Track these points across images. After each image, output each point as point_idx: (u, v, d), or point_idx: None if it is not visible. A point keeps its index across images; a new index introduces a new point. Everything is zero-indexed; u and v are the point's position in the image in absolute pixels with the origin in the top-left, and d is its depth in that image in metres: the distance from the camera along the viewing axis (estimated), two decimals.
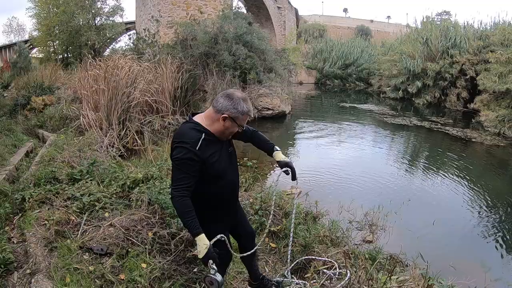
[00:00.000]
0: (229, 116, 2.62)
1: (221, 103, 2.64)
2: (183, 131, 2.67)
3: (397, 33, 37.85)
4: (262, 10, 32.77)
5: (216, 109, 2.65)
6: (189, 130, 2.64)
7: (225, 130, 2.70)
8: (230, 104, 2.63)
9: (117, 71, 9.96)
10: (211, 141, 2.67)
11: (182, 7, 19.15)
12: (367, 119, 18.68)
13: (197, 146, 2.56)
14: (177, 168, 2.59)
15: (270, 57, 16.20)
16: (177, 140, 2.62)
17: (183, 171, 2.57)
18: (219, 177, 2.75)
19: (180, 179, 2.57)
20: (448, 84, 24.19)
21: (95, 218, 4.27)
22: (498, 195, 8.59)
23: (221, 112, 2.63)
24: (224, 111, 2.62)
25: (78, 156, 6.51)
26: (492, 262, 5.37)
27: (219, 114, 2.63)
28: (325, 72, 38.41)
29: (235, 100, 2.65)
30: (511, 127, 15.15)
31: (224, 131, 2.70)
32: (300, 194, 6.96)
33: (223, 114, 2.62)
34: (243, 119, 2.71)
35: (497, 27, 23.82)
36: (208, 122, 2.69)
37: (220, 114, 2.62)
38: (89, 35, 24.35)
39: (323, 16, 61.92)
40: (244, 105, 2.67)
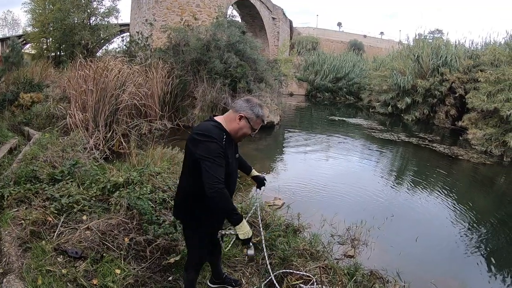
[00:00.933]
0: (244, 116, 2.86)
1: (240, 104, 2.91)
2: (208, 128, 2.79)
3: (389, 49, 38.18)
4: (257, 20, 32.95)
5: (234, 109, 2.90)
6: (214, 128, 2.80)
7: (239, 130, 2.89)
8: (247, 106, 2.89)
9: (106, 72, 9.95)
10: (229, 141, 2.86)
11: (176, 12, 19.20)
12: (356, 133, 18.77)
13: (223, 142, 2.76)
14: (213, 161, 2.66)
15: (262, 67, 16.23)
16: (206, 135, 2.73)
17: (219, 164, 2.68)
18: (229, 177, 2.89)
19: (219, 172, 2.67)
20: (437, 101, 24.48)
21: (72, 220, 4.25)
22: (482, 213, 8.68)
23: (238, 112, 2.87)
24: (241, 111, 2.87)
25: (61, 157, 6.46)
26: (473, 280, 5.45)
27: (236, 114, 2.87)
28: (316, 84, 38.61)
29: (252, 103, 2.92)
30: (498, 146, 15.33)
31: (238, 131, 2.90)
32: (283, 206, 6.99)
33: (240, 114, 2.86)
34: (257, 123, 2.93)
35: (487, 47, 24.12)
36: (226, 122, 2.89)
37: (238, 113, 2.87)
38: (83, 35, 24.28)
39: (317, 29, 62.33)
40: (259, 109, 2.92)
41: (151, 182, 5.42)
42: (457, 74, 23.52)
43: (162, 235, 4.07)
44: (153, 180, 5.56)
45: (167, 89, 13.34)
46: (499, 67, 18.52)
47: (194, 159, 2.73)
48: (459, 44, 27.40)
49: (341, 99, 37.47)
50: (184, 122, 13.88)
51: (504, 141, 14.86)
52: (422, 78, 25.28)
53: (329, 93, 38.16)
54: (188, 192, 2.91)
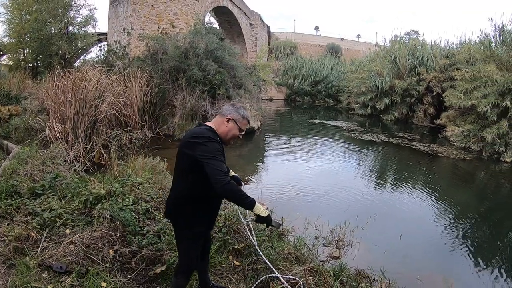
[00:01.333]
0: (232, 118, 3.06)
1: (226, 109, 3.14)
2: (202, 131, 2.97)
3: (367, 51, 38.61)
4: (234, 26, 33.04)
5: (221, 114, 3.11)
6: (207, 131, 2.99)
7: (229, 132, 3.07)
8: (233, 109, 3.12)
9: (85, 83, 9.88)
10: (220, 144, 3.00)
11: (154, 21, 19.14)
12: (336, 135, 18.98)
13: (219, 140, 2.97)
14: (216, 158, 2.81)
15: (240, 73, 16.30)
16: (202, 136, 2.89)
17: (220, 160, 2.84)
18: None
19: (223, 166, 2.83)
20: (415, 101, 25.01)
21: (55, 235, 4.24)
22: (464, 207, 8.91)
23: (225, 115, 3.07)
24: (228, 114, 3.08)
25: (41, 170, 6.41)
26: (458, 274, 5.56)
27: (224, 117, 3.07)
28: (295, 88, 38.91)
29: (237, 106, 3.16)
30: (476, 142, 15.72)
31: (227, 133, 3.07)
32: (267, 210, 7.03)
33: (227, 116, 3.06)
34: (243, 123, 3.14)
35: (463, 46, 24.68)
36: (216, 126, 3.07)
37: (225, 117, 3.07)
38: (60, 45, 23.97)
39: (294, 33, 62.79)
40: (244, 111, 3.15)
41: (133, 193, 5.43)
42: (434, 73, 24.06)
43: (146, 246, 4.08)
44: (135, 190, 5.57)
45: (146, 98, 13.31)
46: (475, 65, 18.99)
47: (192, 161, 2.83)
48: (435, 44, 28.00)
49: (320, 102, 37.87)
50: (164, 131, 13.85)
51: (482, 136, 15.22)
52: (400, 78, 25.72)
53: (308, 97, 38.53)
54: (185, 195, 2.98)
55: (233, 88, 15.56)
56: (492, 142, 14.70)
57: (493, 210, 9.19)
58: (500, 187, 11.60)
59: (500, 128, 14.67)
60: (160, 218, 4.85)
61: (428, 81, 24.15)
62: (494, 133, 14.66)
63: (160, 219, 4.83)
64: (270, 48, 47.38)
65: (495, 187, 11.61)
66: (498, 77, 16.03)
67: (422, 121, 24.46)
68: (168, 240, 4.34)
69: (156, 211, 5.06)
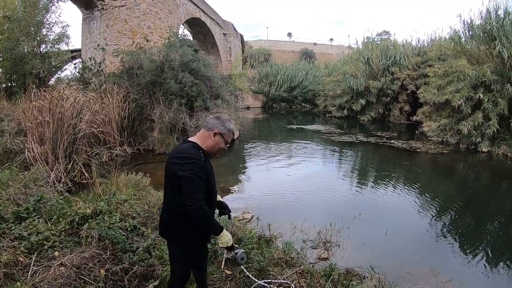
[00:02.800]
0: (218, 132, 3.06)
1: (211, 122, 3.11)
2: (185, 149, 2.98)
3: (340, 55, 39.23)
4: (208, 37, 33.10)
5: (207, 128, 3.10)
6: (190, 148, 2.98)
7: (215, 146, 3.10)
8: (219, 122, 3.11)
9: (62, 102, 9.79)
10: (206, 159, 3.04)
11: (128, 35, 19.06)
12: (315, 139, 19.16)
13: (202, 160, 2.93)
14: (192, 181, 2.82)
15: (216, 84, 16.37)
16: (186, 156, 2.90)
17: (198, 183, 2.85)
18: (211, 193, 3.09)
19: (198, 191, 2.84)
20: (390, 100, 25.56)
21: (44, 258, 4.20)
22: (446, 199, 9.22)
23: (211, 129, 3.07)
24: (214, 128, 3.07)
25: (24, 193, 6.33)
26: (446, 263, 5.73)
27: (210, 131, 3.07)
28: (271, 95, 39.14)
29: (222, 119, 3.14)
30: (453, 135, 16.22)
31: (214, 147, 3.10)
32: (252, 219, 7.11)
33: (214, 130, 3.06)
34: (229, 136, 3.16)
35: (433, 43, 25.29)
36: (201, 141, 3.08)
37: (211, 131, 3.06)
38: (34, 63, 23.52)
39: (268, 41, 63.11)
40: (229, 123, 3.16)
41: (119, 210, 5.44)
42: (407, 72, 24.67)
43: (137, 262, 4.11)
44: (121, 208, 5.58)
45: (124, 114, 13.24)
46: (446, 61, 19.55)
47: (177, 179, 2.87)
48: (407, 43, 28.70)
49: (297, 107, 38.20)
50: (144, 146, 13.79)
51: (459, 129, 15.72)
52: (374, 79, 26.27)
53: (285, 103, 38.81)
54: (179, 211, 2.98)
55: (210, 99, 15.61)
56: (469, 134, 15.17)
57: (474, 199, 9.53)
58: (479, 177, 11.99)
59: (475, 120, 15.14)
60: (148, 234, 4.88)
61: (402, 79, 24.71)
62: (469, 125, 15.13)
63: (149, 234, 4.86)
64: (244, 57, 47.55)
65: (475, 177, 11.99)
66: (470, 71, 16.54)
67: (398, 119, 24.98)
68: (159, 255, 4.38)
69: (143, 227, 5.09)
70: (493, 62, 16.35)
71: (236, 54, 39.31)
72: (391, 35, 47.62)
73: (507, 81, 15.27)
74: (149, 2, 19.34)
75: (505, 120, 14.89)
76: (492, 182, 11.39)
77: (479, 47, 17.61)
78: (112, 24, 19.12)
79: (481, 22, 18.24)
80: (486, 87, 15.82)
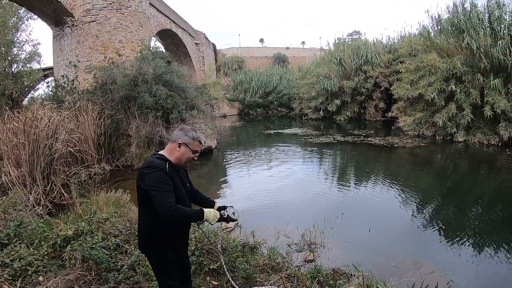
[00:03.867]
0: (182, 142, 3.10)
1: (175, 134, 3.17)
2: (150, 161, 3.02)
3: (312, 57, 39.53)
4: (180, 48, 33.06)
5: (172, 140, 3.16)
6: (155, 159, 3.03)
7: (182, 156, 3.12)
8: (182, 133, 3.15)
9: (36, 122, 9.70)
10: (173, 170, 3.07)
11: (100, 51, 18.91)
12: (293, 142, 19.36)
13: (166, 169, 2.96)
14: (159, 188, 2.86)
15: (191, 94, 16.39)
16: (149, 166, 2.95)
17: (165, 190, 2.89)
18: (180, 201, 3.04)
19: (166, 197, 2.86)
20: (365, 98, 26.09)
21: (29, 284, 4.21)
22: (427, 191, 9.52)
23: (176, 141, 3.12)
24: (178, 139, 3.11)
25: (4, 219, 6.28)
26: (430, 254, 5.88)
27: (175, 143, 3.11)
28: (247, 102, 39.32)
29: (186, 129, 3.18)
30: (429, 128, 16.71)
31: (181, 158, 3.13)
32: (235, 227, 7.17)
33: (178, 142, 3.10)
34: (195, 145, 3.17)
35: (403, 40, 25.85)
36: (168, 153, 3.13)
37: (175, 142, 3.11)
38: (6, 84, 23.17)
39: (240, 48, 63.18)
40: (193, 132, 3.17)
41: (101, 230, 5.46)
42: (379, 69, 25.23)
43: (123, 281, 4.15)
44: (102, 227, 5.60)
45: (100, 130, 13.17)
46: (417, 56, 20.06)
47: (145, 193, 2.92)
48: (377, 42, 29.26)
49: (273, 112, 38.45)
50: (122, 162, 13.72)
51: (434, 122, 16.20)
52: (347, 79, 26.73)
53: (261, 109, 39.04)
54: (150, 226, 3.05)
55: (186, 110, 15.63)
56: (444, 126, 15.61)
57: (454, 188, 9.85)
58: (458, 166, 12.35)
59: (449, 112, 15.62)
60: (132, 251, 4.91)
61: (375, 77, 25.22)
62: (444, 117, 15.59)
63: (132, 251, 4.89)
64: (218, 65, 47.61)
65: (453, 166, 12.36)
66: (441, 64, 17.06)
67: (374, 116, 25.46)
68: (144, 271, 4.42)
69: (127, 245, 5.12)
70: (462, 54, 16.88)
71: (209, 63, 39.36)
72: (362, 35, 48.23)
73: (477, 72, 15.75)
74: (119, 16, 19.26)
75: (478, 109, 15.39)
76: (470, 170, 11.76)
77: (448, 40, 18.14)
78: (83, 40, 18.96)
79: (448, 16, 18.83)
80: (458, 79, 16.33)
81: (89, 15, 18.87)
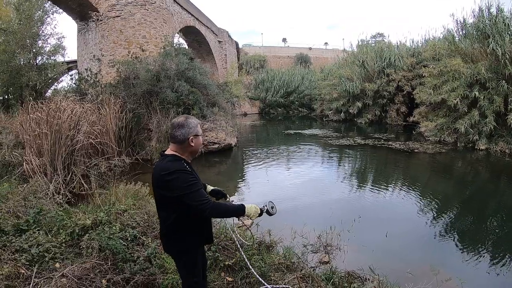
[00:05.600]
0: (193, 135, 2.98)
1: (181, 134, 2.96)
2: (166, 166, 2.88)
3: (335, 58, 39.22)
4: (203, 45, 33.19)
5: (180, 140, 2.97)
6: (170, 163, 2.89)
7: (197, 147, 3.07)
8: (186, 129, 2.97)
9: (59, 113, 9.79)
10: (189, 165, 3.01)
11: (123, 46, 19.10)
12: (313, 142, 19.20)
13: (186, 168, 2.91)
14: (191, 189, 2.81)
15: (213, 91, 16.44)
16: (170, 172, 2.82)
17: (197, 189, 2.85)
18: None
19: (201, 195, 2.84)
20: (387, 101, 25.66)
21: (46, 270, 4.21)
22: (446, 199, 9.27)
23: (186, 138, 2.96)
24: (187, 136, 2.96)
25: (24, 206, 6.34)
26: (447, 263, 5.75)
27: (186, 141, 2.97)
28: (268, 101, 39.27)
29: (186, 124, 2.99)
30: (450, 134, 16.31)
31: (196, 149, 3.09)
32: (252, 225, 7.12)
33: (189, 137, 2.97)
34: (199, 129, 3.07)
35: (428, 43, 25.37)
36: (179, 152, 3.00)
37: (187, 140, 2.96)
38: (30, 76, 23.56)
39: (263, 47, 63.22)
40: (191, 120, 3.04)
41: (119, 221, 5.46)
42: (402, 73, 24.80)
43: (138, 272, 4.12)
44: (120, 218, 5.61)
45: (122, 124, 13.26)
46: (441, 61, 19.56)
47: (172, 201, 2.86)
48: (401, 44, 28.78)
49: (294, 112, 38.32)
50: (142, 155, 13.80)
51: (456, 128, 15.82)
52: (370, 81, 26.38)
53: (282, 108, 38.94)
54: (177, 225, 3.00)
55: (207, 107, 15.67)
56: (466, 133, 15.25)
57: (474, 197, 9.59)
58: (478, 174, 12.05)
59: (471, 118, 15.23)
60: (149, 243, 4.90)
61: (397, 81, 24.83)
62: (466, 124, 15.22)
63: (149, 243, 4.88)
64: (240, 64, 47.70)
65: (473, 175, 12.05)
66: (464, 69, 16.65)
67: (395, 120, 25.08)
68: (159, 263, 4.40)
69: (144, 236, 5.11)
70: (487, 59, 16.47)
71: (231, 61, 39.42)
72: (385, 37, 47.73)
73: (502, 78, 15.37)
74: (144, 12, 19.42)
75: (501, 117, 15.02)
76: (491, 179, 11.46)
77: (473, 45, 17.72)
78: (108, 35, 19.16)
79: (474, 20, 18.36)
80: (481, 85, 15.95)
81: (113, 10, 19.08)
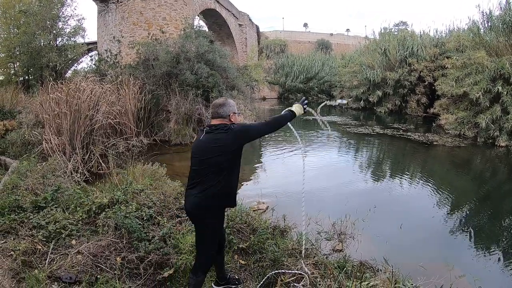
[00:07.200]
0: (233, 113, 3.33)
1: (223, 111, 3.30)
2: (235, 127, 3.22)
3: (357, 45, 38.74)
4: (224, 28, 33.03)
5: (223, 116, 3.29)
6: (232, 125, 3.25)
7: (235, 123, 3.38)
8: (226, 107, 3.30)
9: (79, 93, 9.85)
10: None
11: (143, 27, 19.09)
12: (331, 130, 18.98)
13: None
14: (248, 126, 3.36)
15: (232, 75, 16.35)
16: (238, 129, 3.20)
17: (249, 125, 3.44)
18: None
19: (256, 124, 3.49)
20: (407, 92, 25.18)
21: (62, 246, 4.25)
22: (462, 194, 9.07)
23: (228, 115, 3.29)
24: (229, 113, 3.30)
25: (42, 183, 6.41)
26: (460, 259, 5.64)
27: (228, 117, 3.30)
28: (287, 86, 39.09)
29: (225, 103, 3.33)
30: (471, 128, 15.90)
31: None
32: (267, 209, 7.10)
33: (230, 114, 3.29)
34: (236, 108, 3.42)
35: (452, 34, 24.86)
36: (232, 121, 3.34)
37: (228, 116, 3.29)
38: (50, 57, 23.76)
39: (284, 31, 62.77)
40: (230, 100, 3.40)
41: (135, 200, 5.47)
42: (425, 63, 24.24)
43: (153, 251, 4.12)
44: (137, 197, 5.62)
45: (140, 105, 13.32)
46: (465, 52, 19.09)
47: (234, 151, 3.24)
48: (424, 34, 28.12)
49: (313, 98, 37.96)
50: (160, 136, 13.89)
51: (476, 122, 15.39)
52: (391, 70, 25.91)
53: (301, 94, 38.65)
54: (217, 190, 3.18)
55: (226, 90, 15.59)
56: (486, 128, 14.84)
57: (491, 194, 9.33)
58: (497, 171, 11.74)
59: (493, 113, 14.81)
60: (164, 223, 4.90)
61: (419, 71, 24.32)
62: (487, 119, 14.80)
63: (165, 223, 4.88)
64: (260, 48, 47.38)
65: (492, 171, 11.75)
66: (488, 63, 16.19)
67: (415, 111, 24.64)
68: (174, 243, 4.39)
69: (159, 216, 5.11)
70: None
71: (251, 45, 39.18)
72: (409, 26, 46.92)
73: None
74: None
75: None
76: (509, 177, 11.18)
77: (498, 38, 17.23)
78: (128, 16, 19.17)
79: (500, 13, 17.84)
80: (505, 80, 15.48)
81: None
